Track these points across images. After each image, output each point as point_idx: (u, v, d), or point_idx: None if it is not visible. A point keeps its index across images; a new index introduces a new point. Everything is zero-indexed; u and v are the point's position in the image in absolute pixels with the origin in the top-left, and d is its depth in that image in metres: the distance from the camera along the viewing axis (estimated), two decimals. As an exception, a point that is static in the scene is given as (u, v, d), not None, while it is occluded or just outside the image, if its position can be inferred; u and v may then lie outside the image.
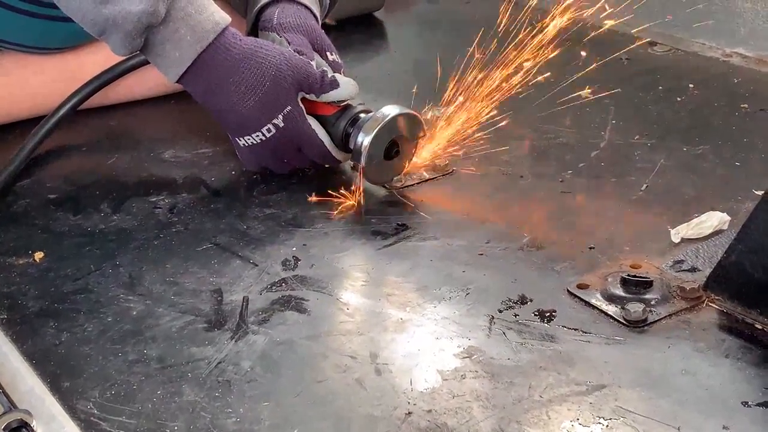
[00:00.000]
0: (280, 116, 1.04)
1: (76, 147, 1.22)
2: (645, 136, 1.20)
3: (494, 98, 1.11)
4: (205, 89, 1.03)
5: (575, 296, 0.87)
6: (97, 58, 1.23)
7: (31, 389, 0.77)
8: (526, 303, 0.87)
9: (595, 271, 0.90)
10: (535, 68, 1.11)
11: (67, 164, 1.18)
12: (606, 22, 1.16)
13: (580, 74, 1.18)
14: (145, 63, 1.12)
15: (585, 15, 1.12)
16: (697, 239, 0.95)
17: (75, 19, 1.00)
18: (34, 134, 1.13)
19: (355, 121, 1.06)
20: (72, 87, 1.16)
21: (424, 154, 1.10)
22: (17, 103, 1.24)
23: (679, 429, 0.71)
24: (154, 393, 0.76)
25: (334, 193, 1.04)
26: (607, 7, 1.14)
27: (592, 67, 1.18)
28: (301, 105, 1.05)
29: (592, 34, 1.17)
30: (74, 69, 1.24)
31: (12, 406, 0.75)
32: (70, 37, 1.23)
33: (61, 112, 1.14)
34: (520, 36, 1.10)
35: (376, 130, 1.02)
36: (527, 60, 1.10)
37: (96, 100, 1.22)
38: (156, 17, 0.97)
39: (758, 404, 0.73)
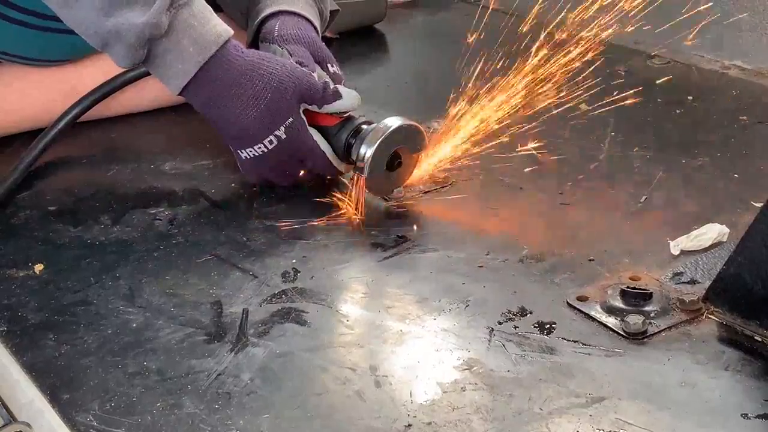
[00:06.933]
0: (282, 128, 1.04)
1: (75, 159, 1.22)
2: (644, 148, 1.20)
3: (495, 111, 1.11)
4: (207, 101, 1.03)
5: (575, 308, 0.87)
6: (97, 71, 1.23)
7: (31, 401, 0.77)
8: (526, 315, 0.87)
9: (595, 283, 0.91)
10: (535, 82, 1.11)
11: (67, 176, 1.18)
12: (605, 35, 1.17)
13: (579, 87, 1.18)
14: (145, 75, 1.13)
15: (585, 30, 1.12)
16: (696, 251, 0.95)
17: (78, 30, 1.00)
18: (34, 146, 1.13)
19: (357, 132, 1.06)
20: (72, 99, 1.16)
21: (425, 166, 1.11)
22: (17, 115, 1.24)
23: (678, 441, 0.71)
24: (154, 405, 0.76)
25: (334, 204, 1.04)
26: (607, 22, 1.14)
27: (585, 77, 1.18)
28: (303, 116, 1.05)
29: (592, 47, 1.17)
30: (74, 81, 1.24)
31: (12, 418, 0.75)
32: (70, 49, 1.23)
33: (61, 124, 1.14)
34: (521, 49, 1.11)
35: (378, 142, 1.03)
36: (528, 75, 1.10)
37: (96, 112, 1.22)
38: (159, 29, 0.97)
39: (757, 416, 0.73)
